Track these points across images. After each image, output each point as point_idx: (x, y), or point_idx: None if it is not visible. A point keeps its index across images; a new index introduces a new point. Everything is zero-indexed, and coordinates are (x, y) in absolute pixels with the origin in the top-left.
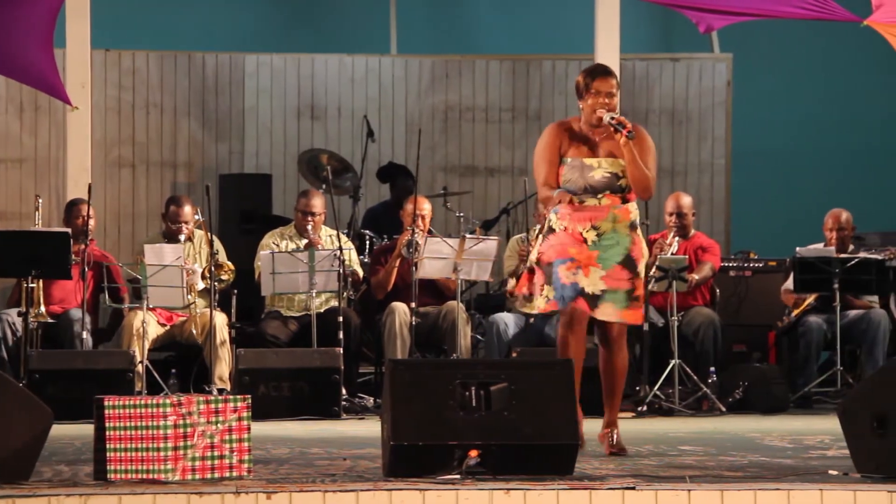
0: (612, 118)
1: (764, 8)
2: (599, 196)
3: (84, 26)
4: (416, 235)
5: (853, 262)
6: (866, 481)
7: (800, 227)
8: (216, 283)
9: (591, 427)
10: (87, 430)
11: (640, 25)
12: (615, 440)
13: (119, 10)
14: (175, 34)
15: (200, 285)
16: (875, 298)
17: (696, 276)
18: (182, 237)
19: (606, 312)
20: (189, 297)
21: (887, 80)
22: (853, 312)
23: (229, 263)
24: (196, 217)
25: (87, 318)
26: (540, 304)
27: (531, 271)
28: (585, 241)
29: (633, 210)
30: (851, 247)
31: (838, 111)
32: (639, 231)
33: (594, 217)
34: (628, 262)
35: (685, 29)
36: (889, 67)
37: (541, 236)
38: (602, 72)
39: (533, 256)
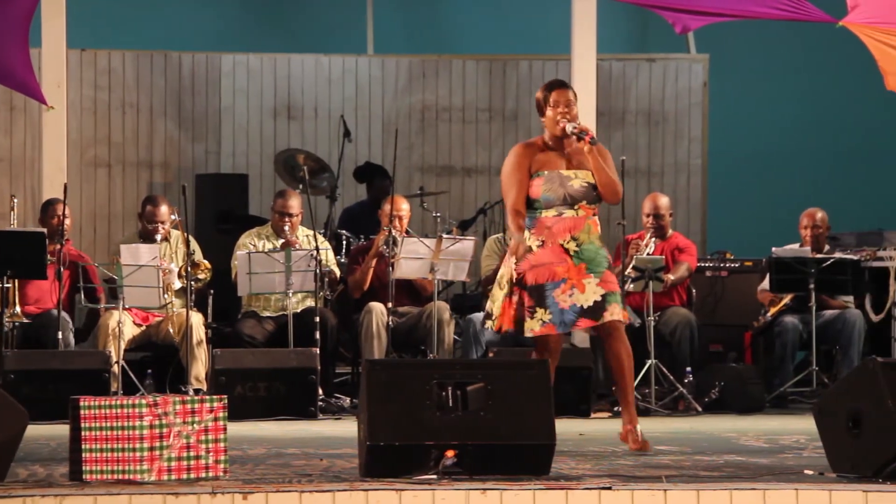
0: (574, 127)
1: (740, 9)
2: (576, 207)
3: (60, 26)
4: (392, 234)
5: (829, 263)
6: (842, 481)
7: (776, 228)
8: (193, 283)
9: (562, 427)
10: (62, 430)
11: (617, 26)
12: (640, 436)
13: (95, 9)
14: (151, 34)
15: (177, 284)
16: (850, 299)
17: (671, 277)
18: (158, 237)
19: (615, 312)
20: (165, 297)
21: (862, 81)
22: (829, 312)
23: (206, 262)
24: (172, 217)
25: (69, 318)
26: (534, 327)
27: (510, 295)
28: (568, 252)
29: (599, 223)
30: (827, 247)
31: (814, 112)
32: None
33: (574, 228)
34: (612, 269)
35: (661, 29)
36: (864, 68)
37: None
38: (558, 84)
39: (504, 275)
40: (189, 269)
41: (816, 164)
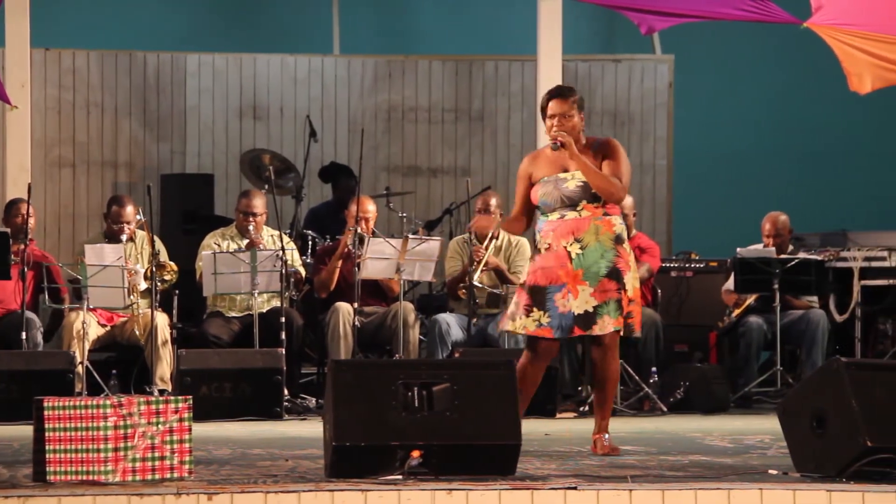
0: (558, 138)
1: (705, 10)
2: (579, 208)
3: (24, 25)
4: (359, 233)
5: (793, 263)
6: (805, 480)
7: (741, 228)
8: (159, 284)
9: (527, 428)
10: (26, 431)
11: (582, 26)
12: (607, 444)
13: (59, 8)
14: (116, 33)
15: (143, 286)
16: (815, 299)
17: None
18: (124, 237)
19: (605, 325)
20: (131, 297)
21: (826, 82)
22: (793, 313)
23: (172, 264)
24: (138, 217)
25: (36, 319)
26: (528, 326)
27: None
28: (570, 255)
29: (618, 224)
30: (791, 247)
31: (779, 113)
32: (626, 245)
33: (576, 229)
34: (614, 274)
35: (627, 30)
36: (828, 70)
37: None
38: (557, 93)
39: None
40: (154, 269)
41: (781, 165)
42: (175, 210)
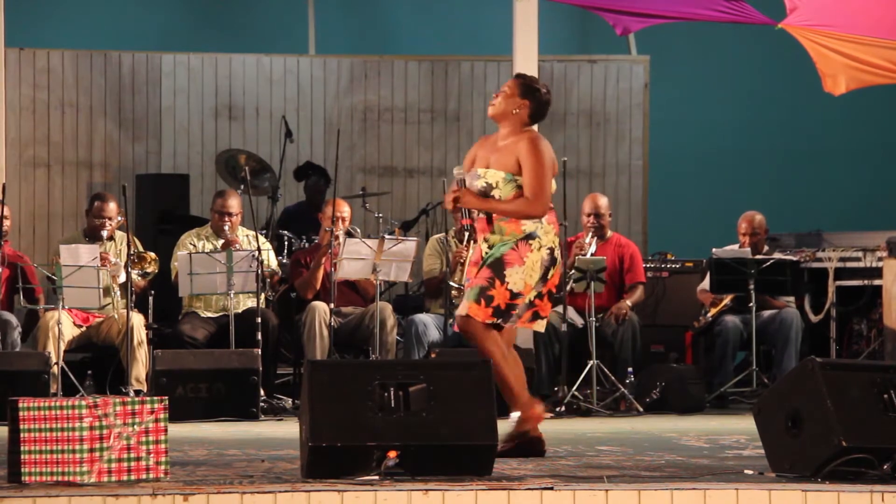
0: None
1: (680, 11)
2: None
3: None
4: (335, 234)
5: (768, 263)
6: (781, 480)
7: (716, 228)
8: (141, 277)
9: (504, 428)
10: (1, 432)
11: (558, 27)
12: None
13: (34, 8)
14: (91, 33)
15: (123, 277)
16: (791, 299)
17: (629, 303)
18: (105, 234)
19: (462, 308)
20: (113, 288)
21: (801, 83)
22: (768, 313)
23: (151, 254)
24: (119, 219)
25: (14, 319)
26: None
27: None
28: (482, 254)
29: (528, 224)
30: (766, 247)
31: (754, 113)
32: (532, 243)
33: (483, 230)
34: (495, 266)
35: (603, 31)
36: (803, 70)
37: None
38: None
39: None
40: (135, 261)
41: (756, 166)
42: (150, 210)
